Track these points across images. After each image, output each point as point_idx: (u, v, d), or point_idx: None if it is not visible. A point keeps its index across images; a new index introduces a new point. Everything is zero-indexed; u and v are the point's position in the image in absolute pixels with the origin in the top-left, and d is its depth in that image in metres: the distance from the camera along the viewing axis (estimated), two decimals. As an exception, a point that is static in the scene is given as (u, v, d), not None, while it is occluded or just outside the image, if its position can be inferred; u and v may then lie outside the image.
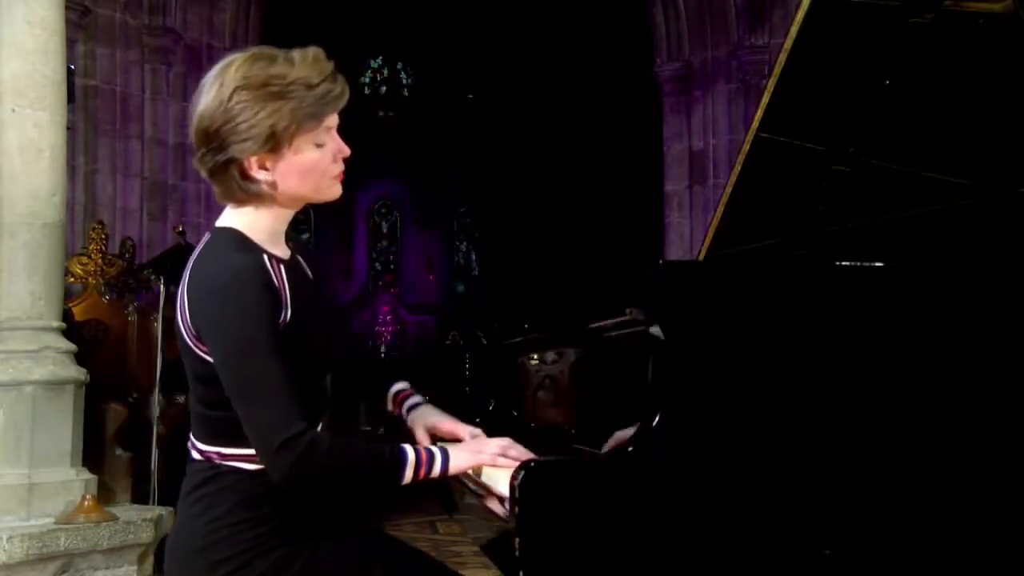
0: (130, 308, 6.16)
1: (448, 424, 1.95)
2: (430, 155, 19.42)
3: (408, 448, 1.68)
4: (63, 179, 4.47)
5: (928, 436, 1.76)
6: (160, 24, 8.80)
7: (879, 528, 1.72)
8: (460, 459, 1.74)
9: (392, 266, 20.82)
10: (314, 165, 1.66)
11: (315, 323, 1.73)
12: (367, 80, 20.57)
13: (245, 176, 1.65)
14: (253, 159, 1.63)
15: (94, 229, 6.57)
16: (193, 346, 1.65)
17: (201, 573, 1.68)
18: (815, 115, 2.56)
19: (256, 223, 1.70)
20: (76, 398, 4.30)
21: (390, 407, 2.04)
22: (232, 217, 1.72)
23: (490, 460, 1.78)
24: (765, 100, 2.62)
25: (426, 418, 1.97)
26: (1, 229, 4.26)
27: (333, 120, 1.67)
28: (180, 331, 1.66)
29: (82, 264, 6.36)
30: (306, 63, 1.63)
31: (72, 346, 4.40)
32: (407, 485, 1.69)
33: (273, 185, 1.66)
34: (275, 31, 10.28)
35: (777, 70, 2.59)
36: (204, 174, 1.68)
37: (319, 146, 1.66)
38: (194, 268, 1.66)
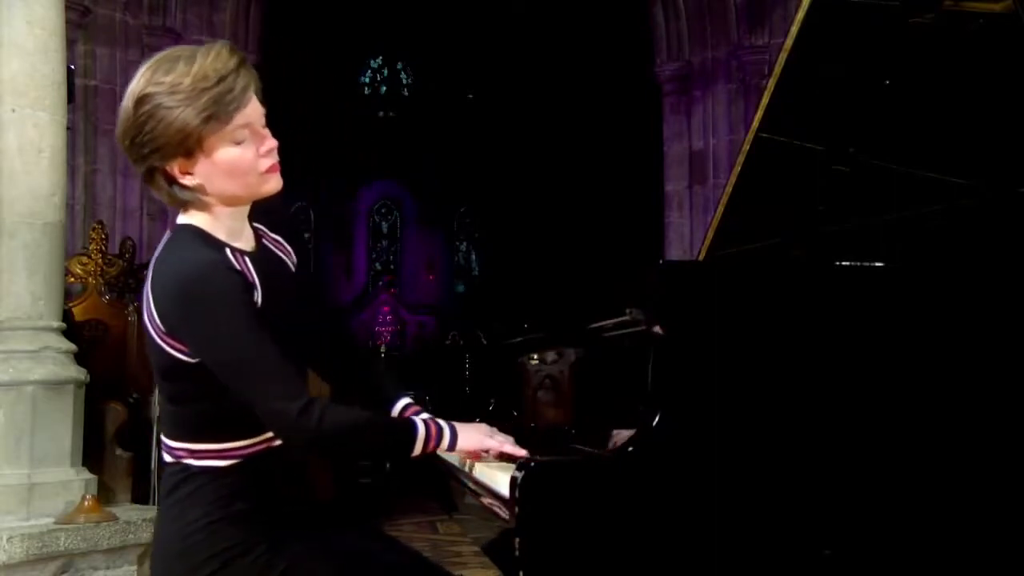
0: (130, 308, 6.15)
1: None
2: (430, 155, 19.42)
3: (419, 421, 1.72)
4: (63, 179, 4.47)
5: (928, 436, 1.76)
6: (160, 24, 8.79)
7: (879, 528, 1.72)
8: (468, 439, 1.77)
9: (392, 266, 20.83)
10: (235, 164, 1.62)
11: (292, 314, 1.71)
12: (367, 80, 20.57)
13: (173, 183, 1.64)
14: (175, 166, 1.62)
15: (94, 229, 6.57)
16: (161, 343, 1.62)
17: None
18: (815, 115, 2.56)
19: (212, 221, 1.68)
20: (76, 398, 4.30)
21: None
22: (189, 216, 1.70)
23: (497, 446, 1.80)
24: (765, 100, 2.61)
25: None
26: (1, 229, 4.26)
27: (250, 115, 1.62)
28: (147, 329, 1.64)
29: (82, 264, 6.36)
30: (206, 63, 1.59)
31: (72, 346, 4.41)
32: (416, 457, 1.72)
33: (202, 189, 1.64)
34: (275, 31, 10.30)
35: (777, 70, 2.59)
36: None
37: (237, 144, 1.62)
38: (157, 267, 1.64)
